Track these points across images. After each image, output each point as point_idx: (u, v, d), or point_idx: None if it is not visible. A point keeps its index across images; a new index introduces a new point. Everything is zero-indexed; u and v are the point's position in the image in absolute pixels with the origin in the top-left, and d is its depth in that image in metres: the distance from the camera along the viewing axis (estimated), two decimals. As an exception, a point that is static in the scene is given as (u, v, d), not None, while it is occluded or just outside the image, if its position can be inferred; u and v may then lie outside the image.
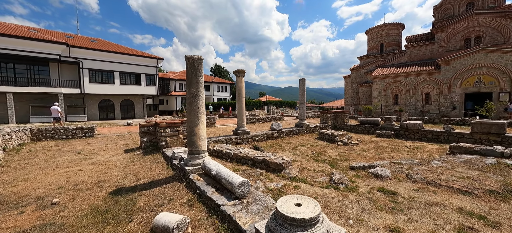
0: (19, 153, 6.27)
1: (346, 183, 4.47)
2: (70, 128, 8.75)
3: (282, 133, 9.87)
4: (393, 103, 21.21)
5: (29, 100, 22.19)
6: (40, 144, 7.77)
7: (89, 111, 25.98)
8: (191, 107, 3.85)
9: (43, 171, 4.66)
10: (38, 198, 3.35)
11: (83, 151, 6.52)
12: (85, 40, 28.82)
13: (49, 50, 22.10)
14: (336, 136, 9.11)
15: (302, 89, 11.13)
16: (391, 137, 9.98)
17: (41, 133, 8.25)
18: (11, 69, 21.70)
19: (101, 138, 8.91)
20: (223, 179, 2.95)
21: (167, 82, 40.40)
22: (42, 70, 23.16)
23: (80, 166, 4.91)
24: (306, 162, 6.19)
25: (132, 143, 7.87)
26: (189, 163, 3.86)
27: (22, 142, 7.39)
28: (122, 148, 6.89)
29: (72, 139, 8.72)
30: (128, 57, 27.87)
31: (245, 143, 8.50)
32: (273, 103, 35.70)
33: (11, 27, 23.21)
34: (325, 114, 12.89)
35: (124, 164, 5.06)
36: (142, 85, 29.24)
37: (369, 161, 6.40)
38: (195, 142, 3.89)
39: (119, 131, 11.46)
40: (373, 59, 27.38)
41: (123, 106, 29.15)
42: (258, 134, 9.06)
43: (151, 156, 5.66)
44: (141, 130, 6.16)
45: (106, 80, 26.32)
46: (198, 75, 3.86)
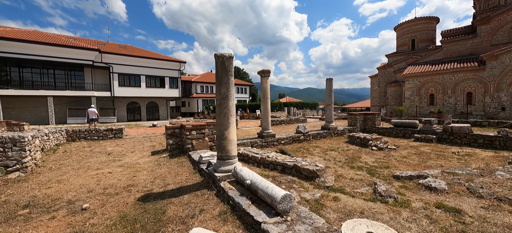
0: (55, 153, 6.54)
1: (395, 195, 3.88)
2: (101, 130, 9.09)
3: (308, 136, 9.32)
4: (428, 103, 19.39)
5: (66, 102, 24.05)
6: (74, 144, 8.13)
7: (118, 113, 27.51)
8: (220, 109, 3.57)
9: (75, 172, 4.71)
10: (69, 202, 3.28)
11: (113, 153, 6.62)
12: (115, 46, 30.66)
13: (84, 56, 23.80)
14: (370, 140, 8.34)
15: (329, 90, 10.48)
16: (433, 141, 8.93)
17: (76, 134, 8.66)
18: (51, 75, 23.72)
19: (129, 139, 9.13)
20: (260, 190, 2.59)
21: (189, 84, 41.57)
22: (78, 75, 25.01)
23: (110, 168, 4.90)
24: (340, 169, 5.63)
25: (158, 144, 7.90)
26: (219, 170, 3.57)
27: (58, 142, 7.78)
28: (148, 150, 6.90)
29: (103, 140, 9.04)
30: (153, 61, 29.07)
31: (270, 147, 8.12)
32: (294, 104, 34.89)
33: (52, 36, 25.43)
34: (354, 116, 12.03)
35: (152, 167, 4.96)
36: (166, 88, 30.30)
37: (414, 169, 5.65)
38: (225, 147, 3.60)
39: (145, 132, 11.74)
40: (403, 57, 25.43)
41: (149, 108, 30.45)
42: (284, 137, 8.63)
43: (177, 159, 5.52)
44: (167, 132, 6.08)
45: (133, 84, 27.69)
46: (228, 74, 3.58)
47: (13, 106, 22.02)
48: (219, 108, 3.58)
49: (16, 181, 4.20)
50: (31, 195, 3.52)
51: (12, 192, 3.68)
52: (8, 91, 20.55)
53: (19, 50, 21.05)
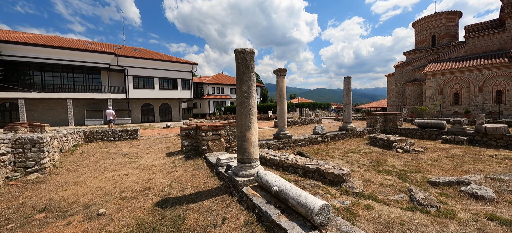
0: (73, 154, 6.58)
1: (436, 204, 3.45)
2: (117, 131, 9.15)
3: (326, 137, 8.89)
4: (452, 103, 18.22)
5: (84, 105, 24.91)
6: (91, 145, 8.20)
7: (133, 114, 28.15)
8: (241, 108, 3.31)
9: (92, 174, 4.63)
10: (85, 206, 3.14)
11: (128, 154, 6.56)
12: (130, 49, 31.49)
13: (100, 60, 24.57)
14: (394, 142, 7.79)
15: (347, 89, 9.99)
16: (463, 143, 8.22)
17: (93, 135, 8.76)
18: (71, 78, 24.65)
19: (144, 140, 9.12)
20: (291, 199, 2.29)
21: (201, 86, 41.97)
22: (95, 78, 25.85)
23: (126, 170, 4.78)
24: (366, 173, 5.21)
25: (172, 146, 7.79)
26: (240, 173, 3.31)
27: (76, 143, 7.87)
28: (164, 152, 6.79)
29: (119, 141, 9.09)
30: (165, 63, 29.56)
31: (287, 148, 7.78)
32: (306, 105, 34.23)
33: (71, 41, 26.47)
34: (373, 117, 11.42)
35: (168, 169, 4.79)
36: (178, 90, 30.70)
37: (451, 174, 5.13)
38: (246, 149, 3.33)
39: (159, 133, 11.77)
40: (422, 54, 24.19)
41: (162, 110, 30.96)
42: (301, 138, 8.26)
43: (193, 161, 5.33)
44: (182, 133, 5.92)
45: (147, 86, 28.25)
46: (250, 70, 3.31)
47: (35, 108, 23.08)
48: (240, 107, 3.32)
49: (34, 182, 4.16)
50: (48, 198, 3.42)
51: (30, 194, 3.61)
52: (31, 94, 21.53)
53: (41, 55, 22.04)
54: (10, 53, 20.70)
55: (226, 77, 49.33)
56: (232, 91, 45.79)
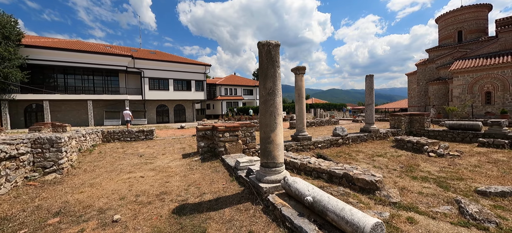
0: (91, 154, 6.58)
1: (495, 220, 2.92)
2: (133, 131, 9.19)
3: (347, 139, 8.35)
4: (483, 102, 16.79)
5: (103, 106, 25.80)
6: (109, 145, 8.25)
7: (148, 115, 28.80)
8: (266, 107, 2.99)
9: (108, 175, 4.50)
10: (100, 210, 2.95)
11: (144, 155, 6.46)
12: (146, 52, 32.33)
13: (118, 63, 25.37)
14: (425, 145, 7.12)
15: (369, 88, 9.38)
16: (505, 147, 7.38)
17: (110, 135, 8.84)
18: (91, 80, 25.67)
19: (159, 141, 9.07)
20: (331, 212, 1.93)
21: (213, 87, 42.28)
22: (113, 80, 26.74)
23: (142, 172, 4.62)
24: (400, 180, 4.69)
25: (188, 147, 7.64)
26: (264, 179, 2.98)
27: (94, 143, 7.95)
28: (179, 153, 6.62)
29: (135, 141, 9.11)
30: (180, 65, 30.00)
31: (306, 150, 7.36)
32: (320, 105, 33.34)
33: (92, 45, 27.57)
34: (397, 118, 10.67)
35: (184, 171, 4.57)
36: (192, 91, 31.04)
37: (500, 182, 4.50)
38: (271, 152, 3.00)
39: (174, 134, 11.75)
40: (447, 51, 22.66)
41: (176, 111, 31.45)
42: (320, 140, 7.80)
43: (210, 163, 5.08)
44: (198, 134, 5.70)
45: (162, 87, 28.80)
46: (275, 65, 2.98)
47: (59, 109, 24.19)
48: (264, 106, 3.00)
49: (52, 183, 4.08)
50: (63, 200, 3.29)
51: (46, 195, 3.50)
52: (55, 95, 22.60)
53: (64, 58, 23.10)
54: (36, 57, 21.86)
55: (239, 78, 49.40)
56: (245, 92, 45.72)
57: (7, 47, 18.44)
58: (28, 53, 20.98)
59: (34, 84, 22.20)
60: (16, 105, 22.39)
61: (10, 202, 3.26)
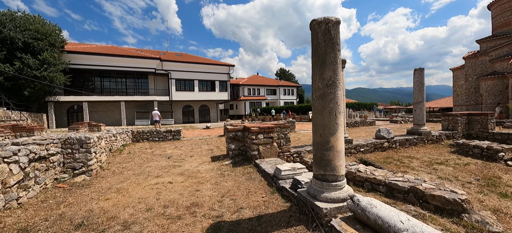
0: (121, 155, 6.49)
1: None
2: (161, 131, 9.11)
3: (394, 142, 7.24)
4: (558, 100, 13.95)
5: (134, 106, 27.14)
6: (138, 145, 8.21)
7: (175, 115, 29.68)
8: (324, 103, 2.30)
9: (135, 179, 4.19)
10: (125, 224, 2.53)
11: (172, 156, 6.17)
12: (173, 55, 33.45)
13: (148, 65, 26.50)
14: (500, 151, 5.77)
15: (419, 83, 8.09)
16: None
17: (139, 135, 8.85)
18: (124, 82, 27.18)
19: (186, 142, 8.85)
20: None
21: (236, 87, 42.37)
22: (143, 82, 28.03)
23: (170, 177, 4.23)
24: (484, 198, 3.65)
25: (215, 148, 7.23)
26: (322, 197, 2.30)
27: (124, 143, 7.96)
28: (207, 155, 6.21)
29: (163, 141, 9.01)
30: (204, 66, 30.43)
31: (347, 155, 6.47)
32: (349, 105, 31.32)
33: (125, 49, 29.22)
34: (452, 118, 9.12)
35: (215, 177, 4.07)
36: (216, 91, 31.32)
37: None
38: (330, 162, 2.30)
39: (201, 134, 11.56)
40: (504, 40, 19.51)
41: (201, 111, 32.00)
42: (362, 143, 6.82)
43: (243, 168, 4.53)
44: (228, 136, 5.20)
45: (188, 88, 29.48)
46: (335, 48, 2.29)
47: (96, 110, 25.99)
48: (322, 102, 2.32)
49: (80, 185, 3.86)
50: (88, 208, 2.96)
51: (72, 201, 3.23)
52: (92, 97, 24.28)
53: (100, 63, 24.73)
54: (77, 62, 23.71)
55: (262, 78, 48.96)
56: (268, 92, 45.09)
57: (53, 53, 20.18)
58: (70, 58, 22.84)
59: (75, 87, 24.13)
60: (60, 106, 24.54)
61: (36, 207, 3.02)
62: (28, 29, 19.42)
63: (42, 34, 20.06)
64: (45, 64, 19.49)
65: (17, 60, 18.46)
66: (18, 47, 18.85)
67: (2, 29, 18.42)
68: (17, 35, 18.64)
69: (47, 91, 20.78)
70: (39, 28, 20.01)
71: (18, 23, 19.28)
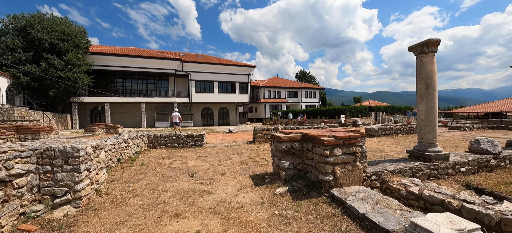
0: (131, 167, 5.07)
1: None
2: (181, 136, 7.69)
3: (503, 159, 5.05)
4: None
5: (154, 108, 26.67)
6: (154, 152, 6.83)
7: (194, 118, 28.82)
8: None
9: (144, 219, 2.61)
10: None
11: (196, 172, 4.59)
12: (193, 56, 32.88)
13: (169, 66, 25.93)
14: None
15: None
16: None
17: (157, 139, 7.50)
18: (144, 84, 26.87)
19: (210, 149, 7.33)
20: None
21: (256, 90, 40.88)
22: (164, 83, 27.55)
23: (197, 218, 2.60)
24: None
25: (250, 161, 5.56)
26: None
27: (138, 150, 6.62)
28: (244, 171, 4.56)
29: (183, 147, 7.58)
30: (224, 67, 29.34)
31: (442, 177, 4.45)
32: (382, 108, 28.35)
33: (146, 51, 29.06)
34: None
35: (272, 224, 2.36)
36: (236, 93, 30.04)
37: None
38: None
39: (225, 139, 10.03)
40: None
41: (220, 114, 30.88)
42: (461, 160, 4.74)
43: (311, 204, 2.78)
44: (280, 147, 3.48)
45: (208, 90, 28.53)
46: None
47: (117, 111, 25.85)
48: None
49: (57, 227, 2.37)
50: None
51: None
52: (114, 98, 24.10)
53: (123, 64, 24.54)
54: (100, 63, 23.69)
55: (282, 80, 47.05)
56: (289, 94, 43.07)
57: (77, 54, 20.13)
58: (93, 59, 22.84)
59: (98, 88, 24.16)
60: (84, 107, 24.68)
61: None
62: (55, 30, 19.53)
63: (68, 35, 20.12)
64: (69, 64, 19.43)
65: (43, 61, 18.54)
66: (45, 48, 18.96)
67: (31, 31, 18.64)
68: (44, 36, 18.77)
69: (72, 91, 20.76)
70: (65, 29, 20.10)
71: (45, 24, 19.49)
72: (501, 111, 32.42)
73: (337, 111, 23.81)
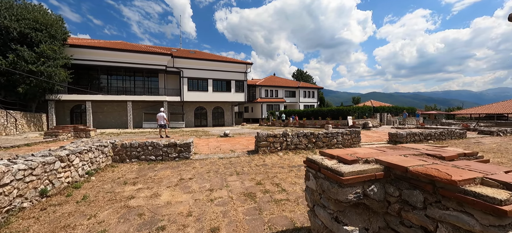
0: (61, 207, 3.06)
1: None
2: (160, 145, 5.70)
3: None
4: None
5: (143, 107, 24.41)
6: (118, 171, 4.85)
7: (186, 118, 26.70)
8: None
9: None
10: None
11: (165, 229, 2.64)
12: (185, 51, 30.71)
13: (158, 62, 23.72)
14: None
15: None
16: None
17: (125, 150, 5.50)
18: (132, 81, 24.58)
19: (199, 164, 5.40)
20: None
21: (253, 89, 38.99)
22: (153, 80, 25.32)
23: None
24: None
25: (258, 190, 3.65)
26: None
27: (95, 167, 4.63)
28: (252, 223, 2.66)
29: (162, 161, 5.62)
30: (219, 64, 27.34)
31: None
32: (386, 109, 26.89)
33: (134, 46, 26.72)
34: None
35: None
36: (231, 92, 28.08)
37: None
38: None
39: (219, 146, 8.11)
40: None
41: (214, 114, 28.85)
42: None
43: None
44: (341, 195, 1.63)
45: (201, 88, 26.45)
46: None
47: (101, 111, 23.49)
48: None
49: None
50: None
51: None
52: (96, 96, 21.74)
53: (108, 58, 22.19)
54: (81, 57, 21.30)
55: (280, 79, 45.31)
56: (287, 93, 41.34)
57: (52, 46, 17.77)
58: (73, 52, 20.46)
59: (79, 85, 21.79)
60: (63, 105, 22.24)
61: None
62: (26, 18, 17.12)
63: (41, 24, 17.70)
64: (43, 57, 17.04)
65: (11, 53, 16.14)
66: (13, 37, 16.53)
67: (-4, 18, 16.23)
68: (12, 24, 16.36)
69: (47, 88, 18.35)
70: (38, 17, 17.68)
71: (15, 11, 17.05)
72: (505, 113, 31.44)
73: (341, 111, 22.14)
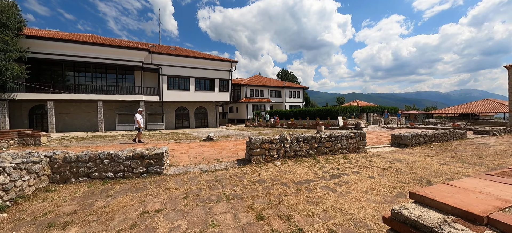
0: None
1: None
2: (121, 157, 4.27)
3: None
4: None
5: (116, 108, 22.07)
6: (57, 196, 3.41)
7: (166, 119, 24.72)
8: None
9: None
10: None
11: None
12: (165, 47, 28.61)
13: (134, 58, 21.55)
14: None
15: None
16: None
17: (70, 167, 4.00)
18: (103, 78, 22.11)
19: (174, 184, 4.08)
20: None
21: (238, 88, 37.67)
22: (128, 78, 23.04)
23: None
24: None
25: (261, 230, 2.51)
26: None
27: (17, 195, 3.15)
28: None
29: (123, 180, 4.22)
30: (202, 61, 25.68)
31: None
32: (372, 109, 27.03)
33: (107, 39, 24.15)
34: None
35: None
36: (215, 91, 26.57)
37: None
38: None
39: (202, 155, 6.79)
40: None
41: (197, 114, 27.14)
42: None
43: None
44: None
45: (182, 87, 24.63)
46: None
47: (67, 111, 20.81)
48: None
49: None
50: None
51: None
52: (60, 95, 19.14)
53: (74, 53, 19.64)
54: (42, 51, 18.62)
55: (265, 78, 44.45)
56: (272, 93, 40.55)
57: (3, 36, 15.12)
58: (30, 45, 17.72)
59: (40, 82, 19.03)
60: (20, 106, 19.31)
61: None
62: (-33, 2, 14.39)
63: (-12, 11, 15.04)
64: (-11, 49, 14.43)
65: None
66: (-50, 24, 13.77)
67: None
68: None
69: (-2, 85, 15.63)
70: (-17, 1, 14.99)
71: (-48, -7, 14.22)
72: (477, 113, 33.19)
73: (329, 111, 21.65)
